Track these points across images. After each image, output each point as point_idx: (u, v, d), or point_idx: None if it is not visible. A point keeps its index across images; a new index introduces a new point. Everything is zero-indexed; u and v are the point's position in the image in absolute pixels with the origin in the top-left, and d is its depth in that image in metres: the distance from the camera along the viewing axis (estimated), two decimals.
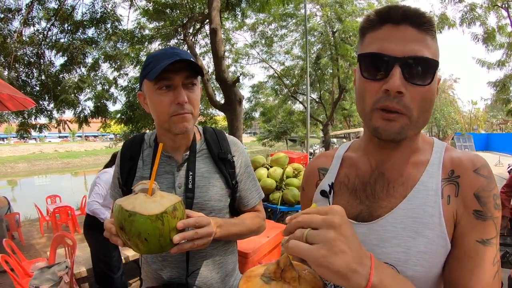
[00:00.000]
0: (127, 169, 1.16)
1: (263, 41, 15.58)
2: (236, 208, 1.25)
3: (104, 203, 2.99)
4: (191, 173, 1.10)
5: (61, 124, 8.53)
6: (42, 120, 8.44)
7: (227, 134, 1.26)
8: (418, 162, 0.74)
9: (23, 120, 7.93)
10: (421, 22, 0.65)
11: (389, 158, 0.75)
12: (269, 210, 4.10)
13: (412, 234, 0.67)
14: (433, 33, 0.67)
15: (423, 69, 0.64)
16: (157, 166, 0.87)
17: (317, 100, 18.56)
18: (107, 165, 3.29)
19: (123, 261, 3.24)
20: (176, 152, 1.14)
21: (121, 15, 8.27)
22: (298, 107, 20.23)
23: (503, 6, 10.19)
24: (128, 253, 3.52)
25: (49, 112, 8.12)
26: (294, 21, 14.92)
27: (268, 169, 4.39)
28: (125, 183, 1.17)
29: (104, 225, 0.91)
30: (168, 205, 0.80)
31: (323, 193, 0.83)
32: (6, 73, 6.70)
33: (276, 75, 16.81)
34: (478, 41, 10.63)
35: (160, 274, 1.14)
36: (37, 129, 8.35)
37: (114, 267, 2.97)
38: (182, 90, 1.02)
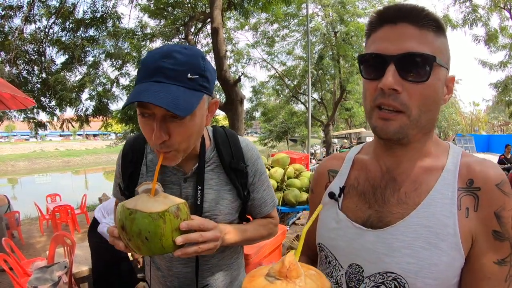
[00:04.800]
0: (128, 172, 1.07)
1: (265, 41, 15.59)
2: (246, 215, 1.17)
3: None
4: (199, 188, 1.00)
5: (65, 123, 8.55)
6: (44, 117, 8.46)
7: (241, 138, 1.13)
8: (432, 167, 0.71)
9: (31, 119, 7.95)
10: (418, 18, 0.63)
11: (400, 162, 0.73)
12: None
13: (425, 244, 0.64)
14: (435, 28, 0.64)
15: (418, 65, 0.62)
16: (159, 166, 0.83)
17: (318, 100, 18.56)
18: None
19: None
20: (183, 162, 1.00)
21: (122, 14, 8.29)
22: (300, 107, 20.24)
23: (506, 7, 10.18)
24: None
25: (51, 109, 8.11)
26: (296, 21, 14.92)
27: (269, 169, 4.37)
28: (126, 187, 1.07)
29: (107, 229, 0.86)
30: (171, 205, 0.76)
31: (332, 195, 0.80)
32: (7, 69, 6.69)
33: (278, 75, 16.80)
34: (479, 42, 10.62)
35: (166, 282, 1.10)
36: (41, 127, 8.37)
37: (116, 269, 2.85)
38: (160, 125, 0.81)
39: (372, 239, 0.69)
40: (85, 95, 8.59)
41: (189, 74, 0.81)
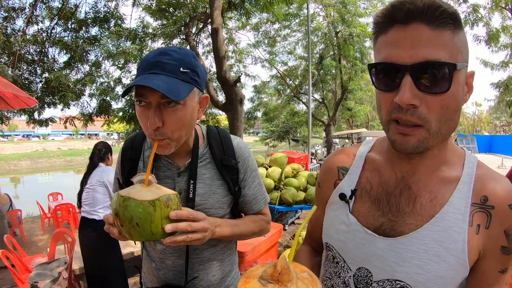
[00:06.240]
0: (127, 169, 1.14)
1: (266, 41, 15.60)
2: (238, 211, 1.22)
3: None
4: (192, 182, 1.06)
5: (68, 121, 8.63)
6: (48, 114, 8.53)
7: (232, 136, 1.19)
8: (448, 178, 0.69)
9: (31, 118, 8.03)
10: (433, 17, 0.55)
11: (416, 170, 0.71)
12: None
13: (434, 258, 0.65)
14: (451, 26, 0.57)
15: (438, 75, 0.56)
16: (153, 157, 0.88)
17: (320, 100, 18.55)
18: (89, 169, 3.09)
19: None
20: (176, 157, 1.09)
21: (124, 14, 8.35)
22: (301, 107, 20.24)
23: (507, 7, 10.15)
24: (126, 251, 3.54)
25: (54, 104, 8.17)
26: (297, 21, 14.93)
27: (267, 169, 4.41)
28: (125, 183, 1.14)
29: (103, 217, 0.91)
30: (162, 195, 0.81)
31: (342, 197, 0.78)
32: (10, 71, 6.76)
33: (279, 75, 16.82)
34: (479, 42, 10.59)
35: (159, 274, 1.14)
36: (43, 124, 8.44)
37: (111, 269, 2.87)
38: (155, 112, 0.89)
39: (384, 247, 0.69)
40: (87, 94, 8.68)
41: (181, 68, 0.91)
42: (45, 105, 7.90)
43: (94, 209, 2.92)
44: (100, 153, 3.10)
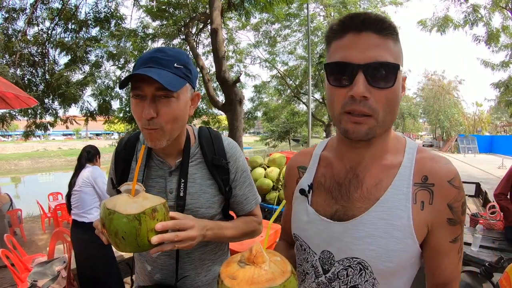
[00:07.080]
0: (120, 169, 1.15)
1: (267, 41, 15.60)
2: (230, 213, 1.23)
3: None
4: (183, 181, 1.08)
5: (68, 120, 8.64)
6: (48, 118, 8.53)
7: (224, 137, 1.22)
8: (391, 164, 0.79)
9: (30, 120, 8.06)
10: (381, 28, 0.68)
11: (362, 159, 0.80)
12: (266, 210, 4.14)
13: (383, 234, 0.74)
14: (395, 37, 0.71)
15: (385, 73, 0.68)
16: (138, 168, 0.88)
17: (320, 100, 18.55)
18: (76, 171, 3.13)
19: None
20: (168, 157, 1.12)
21: (124, 14, 8.37)
22: (302, 107, 20.22)
23: (507, 7, 10.14)
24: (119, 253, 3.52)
25: (54, 110, 8.20)
26: (297, 21, 14.93)
27: (265, 169, 4.43)
28: (118, 182, 1.15)
29: (93, 224, 0.93)
30: (148, 207, 0.80)
31: (302, 192, 0.89)
32: (11, 71, 6.78)
33: (280, 75, 16.82)
34: (479, 42, 10.58)
35: (151, 274, 1.16)
36: (41, 128, 8.46)
37: (104, 270, 2.87)
38: (150, 103, 0.93)
39: (340, 230, 0.79)
40: (88, 94, 8.69)
41: (175, 64, 0.97)
42: (45, 110, 7.93)
43: (83, 211, 2.93)
44: (88, 155, 3.13)
